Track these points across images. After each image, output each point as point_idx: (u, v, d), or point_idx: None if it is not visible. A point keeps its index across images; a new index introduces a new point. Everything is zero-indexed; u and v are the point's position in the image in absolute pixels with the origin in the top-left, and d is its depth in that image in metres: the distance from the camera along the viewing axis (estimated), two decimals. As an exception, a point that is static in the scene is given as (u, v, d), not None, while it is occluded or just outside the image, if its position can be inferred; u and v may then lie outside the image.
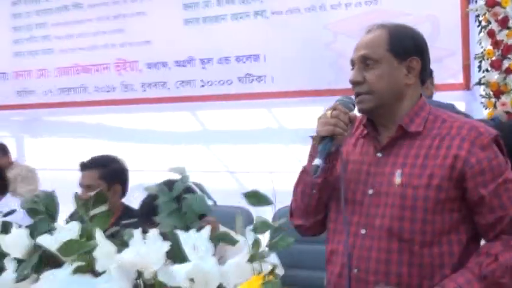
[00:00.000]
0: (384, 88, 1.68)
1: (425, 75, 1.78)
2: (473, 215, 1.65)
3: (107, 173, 2.98)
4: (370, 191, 1.70)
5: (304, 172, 1.77)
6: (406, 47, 1.71)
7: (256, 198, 0.81)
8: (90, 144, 5.29)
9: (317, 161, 1.62)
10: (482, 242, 1.73)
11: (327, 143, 1.65)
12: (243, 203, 1.29)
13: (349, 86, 1.82)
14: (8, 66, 6.06)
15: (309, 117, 4.75)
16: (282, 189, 1.86)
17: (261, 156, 4.65)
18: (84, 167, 3.10)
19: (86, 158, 3.15)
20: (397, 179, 1.66)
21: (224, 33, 4.96)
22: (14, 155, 5.11)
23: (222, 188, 3.76)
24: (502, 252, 1.58)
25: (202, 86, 5.09)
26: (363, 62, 1.70)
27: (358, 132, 1.79)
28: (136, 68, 5.38)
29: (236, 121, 5.02)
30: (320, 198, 1.77)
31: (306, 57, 4.61)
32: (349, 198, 1.72)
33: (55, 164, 5.39)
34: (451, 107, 3.29)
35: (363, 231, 1.69)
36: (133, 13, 5.34)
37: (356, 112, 1.76)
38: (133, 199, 2.97)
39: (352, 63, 1.74)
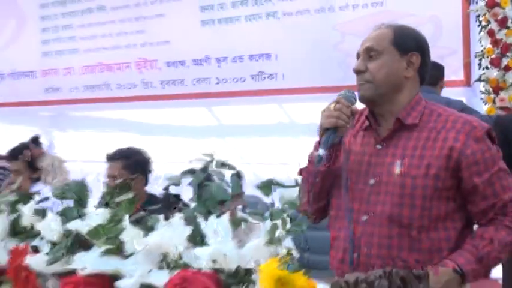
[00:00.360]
0: (384, 77, 1.69)
1: (425, 72, 1.78)
2: (467, 204, 1.66)
3: (131, 164, 2.99)
4: (371, 181, 1.71)
5: (309, 162, 1.77)
6: (409, 43, 1.72)
7: (265, 187, 0.81)
8: (112, 137, 5.30)
9: (320, 151, 1.63)
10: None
11: (330, 135, 1.66)
12: (258, 192, 1.30)
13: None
14: (37, 65, 6.08)
15: (318, 112, 4.76)
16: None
17: (273, 149, 4.64)
18: (109, 158, 3.13)
19: (111, 150, 3.16)
20: (397, 169, 1.66)
21: (238, 33, 4.95)
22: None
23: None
24: (495, 234, 1.60)
25: (218, 83, 5.08)
26: (367, 53, 1.72)
27: (359, 125, 1.80)
28: (156, 66, 5.38)
29: (249, 116, 5.02)
30: (323, 186, 1.77)
31: (315, 56, 4.59)
32: (351, 186, 1.72)
33: (80, 156, 5.39)
34: (459, 103, 3.28)
35: (364, 218, 1.69)
36: (153, 15, 5.34)
37: (358, 105, 1.75)
38: (156, 187, 3.01)
39: (358, 55, 1.76)
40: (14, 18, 6.22)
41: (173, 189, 3.61)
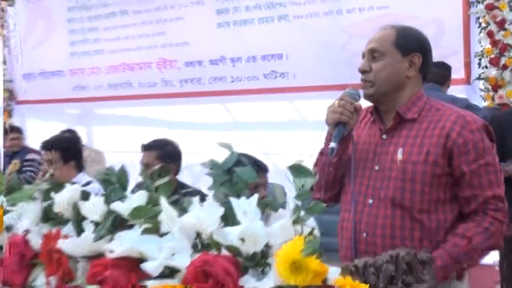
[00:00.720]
0: (386, 77, 1.71)
1: (427, 71, 1.79)
2: (456, 189, 1.67)
3: (163, 154, 3.09)
4: (376, 167, 1.74)
5: (322, 154, 1.82)
6: (410, 44, 1.73)
7: (299, 170, 0.81)
8: (134, 132, 5.32)
9: (332, 144, 1.67)
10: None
11: (340, 129, 1.69)
12: (277, 180, 1.31)
13: None
14: (65, 65, 6.12)
15: (326, 110, 4.75)
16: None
17: (284, 143, 4.64)
18: (145, 148, 3.23)
19: (147, 141, 3.29)
20: (399, 156, 1.69)
21: (252, 35, 4.95)
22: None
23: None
24: (474, 236, 1.61)
25: (232, 81, 5.09)
26: (371, 54, 1.73)
27: (367, 119, 1.82)
28: (175, 66, 5.40)
29: (262, 112, 5.02)
30: (336, 175, 1.82)
31: (324, 56, 4.59)
32: (359, 173, 1.77)
33: (105, 149, 5.45)
34: (465, 101, 3.27)
35: (370, 201, 1.73)
36: (172, 18, 5.35)
37: (362, 102, 1.78)
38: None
39: (363, 55, 1.77)
40: (43, 21, 6.26)
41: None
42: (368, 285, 0.84)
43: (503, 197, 1.66)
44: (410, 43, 1.72)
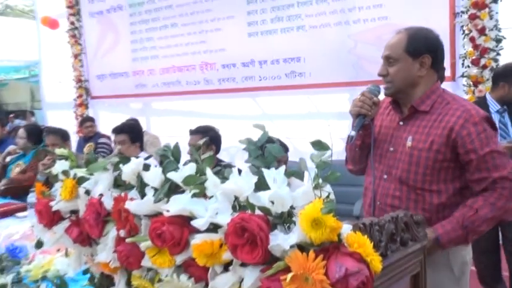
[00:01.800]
0: (401, 79, 1.67)
1: (439, 67, 1.72)
2: (465, 172, 1.61)
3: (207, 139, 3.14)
4: (391, 149, 1.71)
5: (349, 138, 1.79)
6: (419, 47, 1.65)
7: (319, 145, 0.80)
8: (183, 120, 5.34)
9: (352, 133, 1.68)
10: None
11: (360, 120, 1.70)
12: (296, 158, 1.31)
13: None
14: (129, 68, 6.18)
15: (337, 101, 4.73)
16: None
17: (303, 130, 4.63)
18: (192, 132, 3.31)
19: (193, 127, 3.36)
20: (408, 143, 1.66)
21: (275, 42, 4.92)
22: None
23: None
24: (481, 207, 1.55)
25: (260, 80, 5.08)
26: (387, 60, 1.69)
27: (389, 109, 1.79)
28: (214, 68, 5.40)
29: (284, 105, 5.00)
30: (361, 154, 1.82)
31: (334, 59, 4.53)
32: (378, 152, 1.76)
33: (160, 134, 5.52)
34: None
35: (385, 177, 1.72)
36: (212, 29, 5.35)
37: (381, 97, 1.78)
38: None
39: (383, 59, 1.72)
40: (112, 34, 6.32)
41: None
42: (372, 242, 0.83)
43: (511, 177, 1.57)
44: (419, 47, 1.64)
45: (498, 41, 3.58)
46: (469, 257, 1.74)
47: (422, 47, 1.64)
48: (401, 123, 1.71)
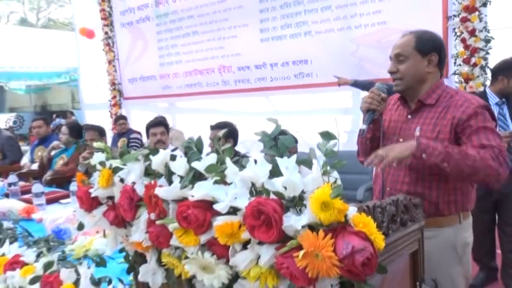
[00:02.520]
0: (411, 75, 1.62)
1: (443, 65, 1.68)
2: (461, 144, 1.56)
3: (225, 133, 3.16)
4: (401, 140, 1.67)
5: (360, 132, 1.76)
6: (427, 46, 1.61)
7: (327, 135, 0.79)
8: (204, 117, 5.36)
9: (363, 126, 1.65)
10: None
11: (370, 115, 1.66)
12: (305, 150, 1.30)
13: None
14: (156, 72, 6.20)
15: (341, 99, 4.69)
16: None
17: (310, 124, 4.60)
18: (212, 127, 3.32)
19: (213, 123, 3.35)
20: (417, 132, 1.62)
21: (285, 47, 4.88)
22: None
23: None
24: (469, 150, 1.49)
25: (272, 80, 5.05)
26: (397, 58, 1.64)
27: (397, 105, 1.76)
28: (231, 70, 5.39)
29: (294, 102, 4.97)
30: (372, 146, 1.77)
31: (338, 61, 4.48)
32: (388, 143, 1.69)
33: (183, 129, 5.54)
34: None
35: (394, 165, 1.65)
36: (229, 36, 5.33)
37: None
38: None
39: (391, 58, 1.67)
40: (141, 42, 6.34)
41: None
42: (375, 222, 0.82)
43: (503, 149, 1.51)
44: (427, 45, 1.61)
45: (487, 41, 3.50)
46: (471, 239, 1.72)
47: (430, 46, 1.61)
48: (409, 116, 1.68)
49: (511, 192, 2.66)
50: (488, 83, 3.41)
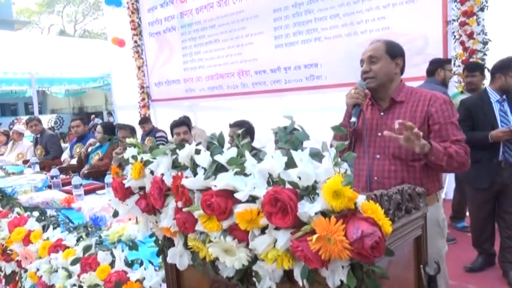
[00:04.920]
0: (383, 74, 1.66)
1: (403, 68, 1.73)
2: (432, 138, 1.61)
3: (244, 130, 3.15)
4: (379, 134, 1.69)
5: (341, 125, 1.75)
6: (395, 51, 1.68)
7: (338, 129, 0.78)
8: (225, 116, 5.36)
9: (353, 119, 1.65)
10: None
11: (357, 109, 1.66)
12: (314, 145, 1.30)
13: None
14: (180, 76, 6.25)
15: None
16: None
17: (320, 121, 4.57)
18: (231, 125, 3.32)
19: (232, 121, 3.36)
20: (396, 125, 1.62)
21: (297, 52, 4.87)
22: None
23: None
24: (448, 148, 1.57)
25: (285, 83, 5.05)
26: (370, 59, 1.67)
27: (368, 104, 1.77)
28: (249, 74, 5.39)
29: (305, 102, 4.94)
30: (351, 139, 1.78)
31: (345, 64, 4.44)
32: (367, 139, 1.73)
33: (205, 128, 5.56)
34: (445, 93, 3.11)
35: (378, 156, 1.69)
36: (246, 43, 5.35)
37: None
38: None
39: (362, 62, 1.71)
40: (167, 49, 6.39)
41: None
42: (383, 209, 0.81)
43: (465, 140, 1.63)
44: (395, 51, 1.68)
45: (485, 43, 3.42)
46: (445, 215, 1.78)
47: (397, 51, 1.69)
48: (382, 113, 1.71)
49: (511, 183, 2.64)
50: (485, 82, 3.33)
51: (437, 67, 3.24)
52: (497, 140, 2.57)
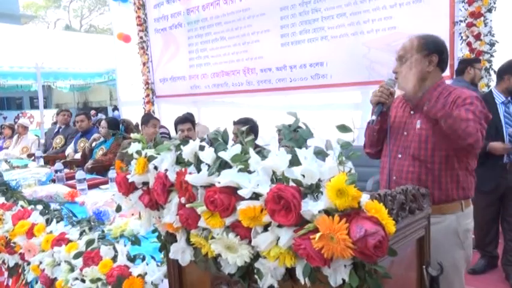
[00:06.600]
0: (413, 73, 1.61)
1: (444, 65, 1.67)
2: None
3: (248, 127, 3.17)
4: (405, 133, 1.67)
5: (368, 124, 1.74)
6: (428, 48, 1.62)
7: (343, 128, 0.78)
8: (229, 114, 5.36)
9: (373, 117, 1.64)
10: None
11: (379, 107, 1.65)
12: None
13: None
14: (186, 73, 6.23)
15: (353, 97, 4.62)
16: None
17: (325, 119, 4.56)
18: (235, 122, 3.32)
19: (236, 119, 3.35)
20: (418, 125, 1.62)
21: (303, 50, 4.83)
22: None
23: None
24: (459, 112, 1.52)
25: (291, 81, 5.01)
26: (400, 58, 1.65)
27: (402, 103, 1.74)
28: (254, 72, 5.37)
29: (310, 100, 4.92)
30: (378, 138, 1.77)
31: (350, 63, 4.41)
32: (393, 137, 1.70)
33: (209, 125, 5.55)
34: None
35: (399, 156, 1.67)
36: (252, 41, 5.31)
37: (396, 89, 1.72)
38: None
39: (396, 60, 1.68)
40: (173, 45, 6.38)
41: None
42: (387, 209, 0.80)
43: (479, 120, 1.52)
44: (428, 47, 1.62)
45: (492, 44, 3.39)
46: (471, 226, 1.69)
47: (431, 48, 1.62)
48: (412, 112, 1.68)
49: (517, 186, 2.64)
50: (492, 84, 3.31)
51: (466, 66, 3.23)
52: (493, 152, 2.55)
